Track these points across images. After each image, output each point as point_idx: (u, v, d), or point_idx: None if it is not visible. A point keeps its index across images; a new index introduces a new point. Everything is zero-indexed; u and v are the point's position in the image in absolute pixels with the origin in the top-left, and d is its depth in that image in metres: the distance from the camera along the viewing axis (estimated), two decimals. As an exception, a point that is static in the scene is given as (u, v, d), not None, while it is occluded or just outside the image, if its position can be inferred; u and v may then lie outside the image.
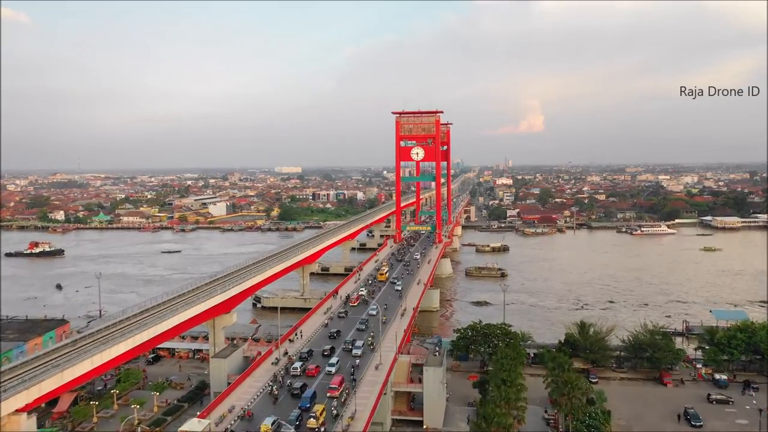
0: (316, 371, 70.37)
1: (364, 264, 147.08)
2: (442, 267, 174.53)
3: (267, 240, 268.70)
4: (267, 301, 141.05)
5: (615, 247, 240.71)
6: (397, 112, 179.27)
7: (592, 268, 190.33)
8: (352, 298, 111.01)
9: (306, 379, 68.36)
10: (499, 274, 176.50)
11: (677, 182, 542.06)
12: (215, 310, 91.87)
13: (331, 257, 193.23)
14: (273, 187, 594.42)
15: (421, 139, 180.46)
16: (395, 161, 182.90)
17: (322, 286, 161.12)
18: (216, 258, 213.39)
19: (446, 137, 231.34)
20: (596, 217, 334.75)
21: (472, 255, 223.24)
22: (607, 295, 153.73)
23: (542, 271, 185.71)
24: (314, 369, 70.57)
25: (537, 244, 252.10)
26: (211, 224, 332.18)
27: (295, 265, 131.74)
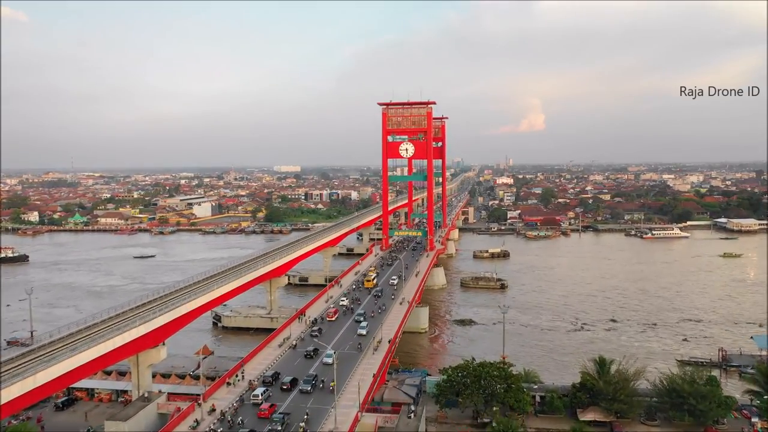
0: None
1: (342, 276, 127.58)
2: (434, 277, 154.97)
3: (249, 244, 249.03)
4: (228, 320, 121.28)
5: (623, 253, 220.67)
6: (384, 103, 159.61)
7: (596, 278, 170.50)
8: (328, 312, 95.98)
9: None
10: (499, 285, 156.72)
11: (683, 181, 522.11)
12: (138, 344, 72.41)
13: (312, 264, 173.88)
14: (268, 186, 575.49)
15: (411, 134, 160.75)
16: (382, 158, 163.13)
17: (300, 300, 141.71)
18: (187, 265, 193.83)
19: (440, 132, 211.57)
20: (602, 219, 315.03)
21: (469, 261, 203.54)
22: (610, 310, 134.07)
23: (541, 282, 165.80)
24: None
25: (539, 249, 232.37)
26: (193, 226, 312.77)
27: (257, 280, 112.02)
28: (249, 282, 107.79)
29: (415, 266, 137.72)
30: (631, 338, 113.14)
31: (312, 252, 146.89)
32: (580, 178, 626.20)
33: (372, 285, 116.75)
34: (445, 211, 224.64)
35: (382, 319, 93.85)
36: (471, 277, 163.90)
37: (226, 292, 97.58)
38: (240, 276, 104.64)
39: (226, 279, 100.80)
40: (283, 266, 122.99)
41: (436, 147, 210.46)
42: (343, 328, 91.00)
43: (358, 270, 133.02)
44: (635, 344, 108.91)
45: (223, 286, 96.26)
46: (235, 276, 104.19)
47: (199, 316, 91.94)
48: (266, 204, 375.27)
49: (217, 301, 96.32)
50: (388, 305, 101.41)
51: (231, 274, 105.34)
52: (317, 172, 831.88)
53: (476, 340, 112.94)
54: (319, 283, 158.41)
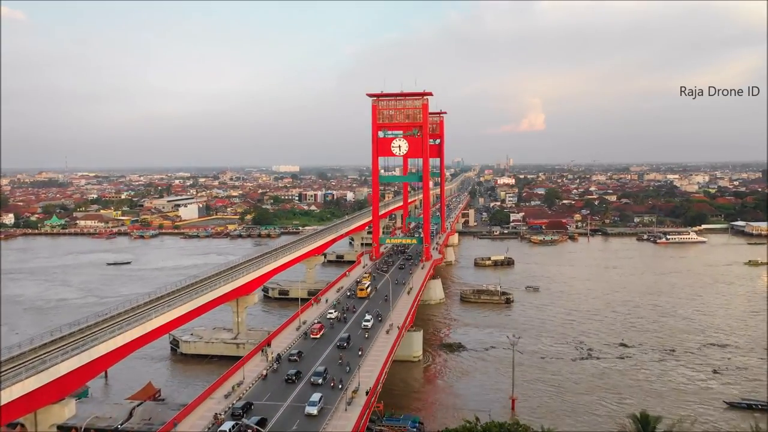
0: None
1: (322, 294, 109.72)
2: (430, 291, 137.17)
3: (231, 249, 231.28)
4: (187, 347, 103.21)
5: (633, 261, 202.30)
6: (374, 94, 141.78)
7: (604, 291, 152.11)
8: (312, 328, 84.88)
9: None
10: (504, 299, 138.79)
11: (688, 182, 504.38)
12: (33, 399, 54.93)
13: (296, 274, 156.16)
14: (263, 186, 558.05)
15: (405, 129, 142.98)
16: (372, 156, 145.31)
17: (277, 319, 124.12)
18: (155, 274, 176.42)
19: (439, 129, 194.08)
20: (610, 222, 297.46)
21: (470, 270, 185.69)
22: (619, 331, 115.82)
23: (544, 296, 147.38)
24: None
25: (545, 256, 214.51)
26: (176, 229, 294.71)
27: (218, 301, 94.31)
28: (207, 304, 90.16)
29: (409, 280, 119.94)
30: (649, 370, 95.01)
31: (291, 263, 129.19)
32: (582, 178, 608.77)
33: (366, 294, 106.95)
34: (443, 215, 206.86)
35: (367, 348, 77.29)
36: (472, 290, 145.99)
37: (173, 319, 79.96)
38: (198, 296, 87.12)
39: (177, 301, 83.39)
40: (253, 282, 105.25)
41: (433, 144, 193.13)
42: (324, 353, 76.53)
43: (341, 286, 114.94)
44: (656, 378, 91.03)
45: (167, 312, 78.52)
46: (191, 296, 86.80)
47: (136, 350, 74.24)
48: (255, 206, 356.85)
49: (161, 330, 78.75)
50: (372, 335, 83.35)
51: (188, 293, 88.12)
52: (316, 172, 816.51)
53: (472, 373, 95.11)
54: (301, 297, 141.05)
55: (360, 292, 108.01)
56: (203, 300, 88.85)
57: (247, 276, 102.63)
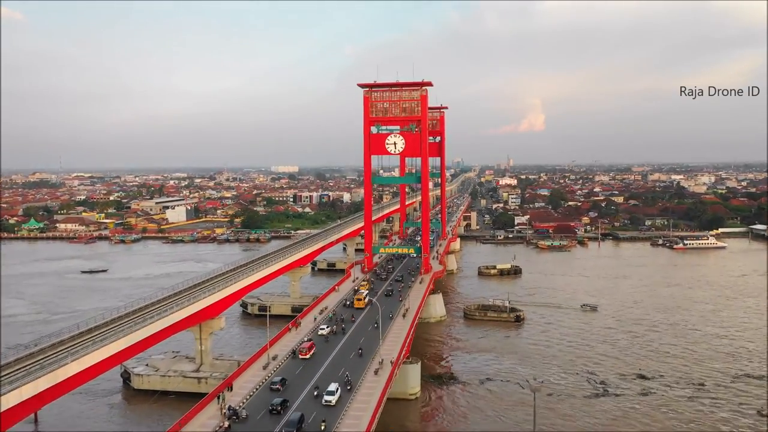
0: None
1: (303, 315, 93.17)
2: (429, 308, 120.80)
3: (214, 255, 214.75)
4: (140, 381, 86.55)
5: (649, 270, 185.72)
6: (366, 84, 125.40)
7: (617, 307, 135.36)
8: (301, 347, 75.68)
9: None
10: (513, 317, 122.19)
11: (695, 182, 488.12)
12: None
13: (278, 286, 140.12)
14: (258, 187, 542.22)
15: (401, 123, 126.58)
16: (364, 154, 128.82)
17: (257, 340, 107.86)
18: (122, 285, 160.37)
19: (439, 125, 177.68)
20: (620, 225, 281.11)
21: (474, 280, 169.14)
22: (635, 358, 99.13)
23: (552, 312, 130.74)
24: None
25: (555, 263, 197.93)
26: (161, 232, 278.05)
27: (175, 328, 78.00)
28: (159, 333, 73.87)
29: (405, 297, 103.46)
30: (679, 412, 78.12)
31: (269, 277, 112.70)
32: (585, 178, 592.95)
33: (363, 305, 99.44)
34: (444, 220, 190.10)
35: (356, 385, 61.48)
36: (477, 305, 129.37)
37: (115, 353, 63.99)
38: (149, 323, 70.96)
39: (124, 330, 67.47)
40: (219, 303, 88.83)
41: (433, 143, 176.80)
42: (313, 379, 65.27)
43: (325, 306, 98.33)
44: (691, 425, 74.51)
45: (105, 346, 62.40)
46: (143, 322, 70.84)
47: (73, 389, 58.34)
48: (245, 208, 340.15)
49: (98, 367, 62.87)
50: (354, 378, 66.65)
51: (142, 318, 72.16)
52: (315, 172, 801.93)
53: (477, 415, 78.61)
54: (284, 314, 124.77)
55: (357, 302, 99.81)
56: (154, 329, 72.63)
57: (212, 297, 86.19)
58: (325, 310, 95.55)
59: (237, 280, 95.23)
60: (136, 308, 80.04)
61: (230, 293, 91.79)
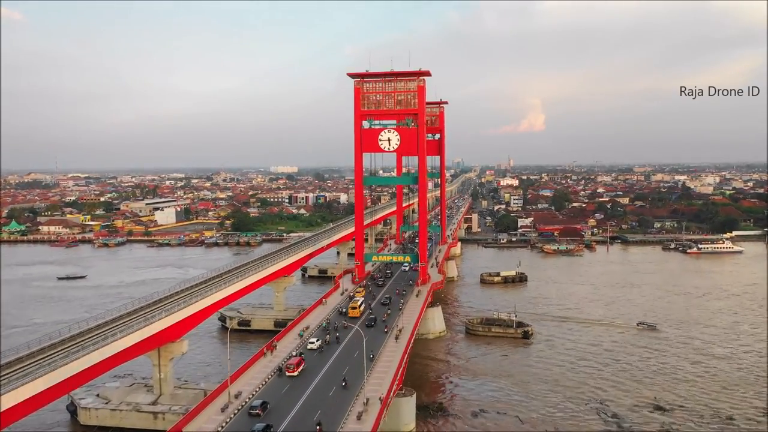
0: None
1: (281, 336, 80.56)
2: (428, 322, 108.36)
3: (197, 260, 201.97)
4: (87, 415, 73.85)
5: (663, 276, 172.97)
6: (356, 74, 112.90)
7: (630, 318, 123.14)
8: (288, 364, 67.33)
9: None
10: (521, 333, 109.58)
11: (700, 183, 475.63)
12: None
13: (262, 297, 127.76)
14: (255, 188, 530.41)
15: (396, 117, 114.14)
16: (355, 151, 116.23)
17: (237, 357, 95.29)
18: (90, 294, 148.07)
19: (439, 121, 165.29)
20: (628, 227, 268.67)
21: (476, 289, 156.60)
22: (649, 383, 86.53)
23: (568, 329, 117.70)
24: None
25: (562, 269, 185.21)
26: (148, 235, 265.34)
27: (128, 353, 65.64)
28: (106, 361, 61.52)
29: (398, 315, 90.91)
30: None
31: (247, 290, 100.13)
32: (587, 179, 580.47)
33: (358, 314, 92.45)
34: (444, 224, 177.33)
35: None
36: (480, 319, 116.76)
37: (53, 385, 51.93)
38: (90, 351, 58.73)
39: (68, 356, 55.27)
40: (180, 324, 76.31)
41: (432, 140, 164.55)
42: (299, 401, 57.61)
43: (308, 325, 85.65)
44: None
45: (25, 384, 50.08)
46: (90, 347, 58.67)
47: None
48: (236, 210, 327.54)
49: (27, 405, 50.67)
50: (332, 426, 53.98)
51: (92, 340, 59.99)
52: (314, 173, 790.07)
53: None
54: (266, 329, 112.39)
55: (352, 311, 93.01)
56: (93, 359, 60.28)
57: (171, 317, 73.70)
58: (306, 330, 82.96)
59: (204, 296, 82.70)
60: (82, 330, 67.81)
61: (195, 311, 79.26)
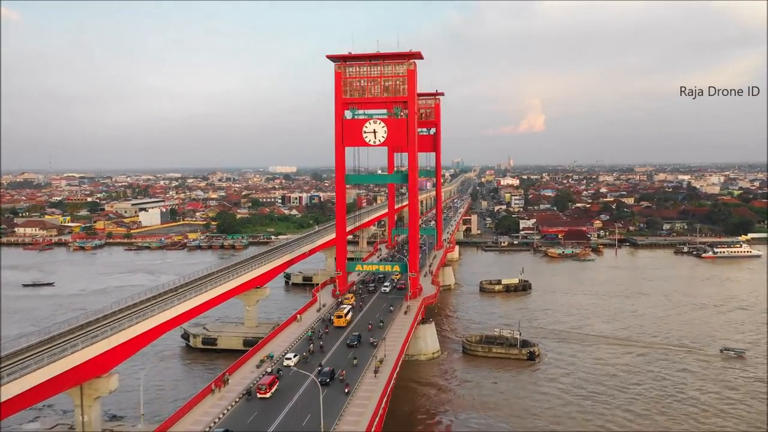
0: None
1: (234, 369, 66.16)
2: (419, 342, 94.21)
3: (173, 265, 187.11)
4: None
5: (680, 284, 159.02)
6: (337, 56, 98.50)
7: (668, 337, 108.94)
8: (259, 385, 59.24)
9: None
10: (525, 354, 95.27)
11: (705, 182, 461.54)
12: None
13: (233, 309, 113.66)
14: (251, 188, 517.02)
15: (383, 106, 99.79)
16: (335, 144, 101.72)
17: (200, 382, 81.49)
18: (34, 305, 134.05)
19: (434, 114, 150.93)
20: (636, 229, 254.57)
21: (475, 298, 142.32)
22: (667, 421, 72.08)
23: (578, 348, 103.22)
24: None
25: (567, 275, 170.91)
26: (128, 238, 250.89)
27: (32, 395, 51.24)
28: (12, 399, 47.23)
29: (381, 339, 76.46)
30: None
31: (210, 305, 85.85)
32: (589, 179, 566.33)
33: (345, 323, 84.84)
34: (440, 227, 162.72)
35: None
36: (479, 336, 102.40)
37: None
38: None
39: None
40: (107, 354, 61.89)
41: (427, 135, 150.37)
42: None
43: (269, 354, 71.09)
44: None
45: None
46: None
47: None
48: (222, 211, 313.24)
49: None
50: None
51: None
52: (312, 173, 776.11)
53: None
54: (234, 349, 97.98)
55: (337, 320, 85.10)
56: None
57: (96, 346, 59.35)
58: (267, 361, 68.61)
59: (144, 318, 68.30)
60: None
61: (129, 338, 64.85)
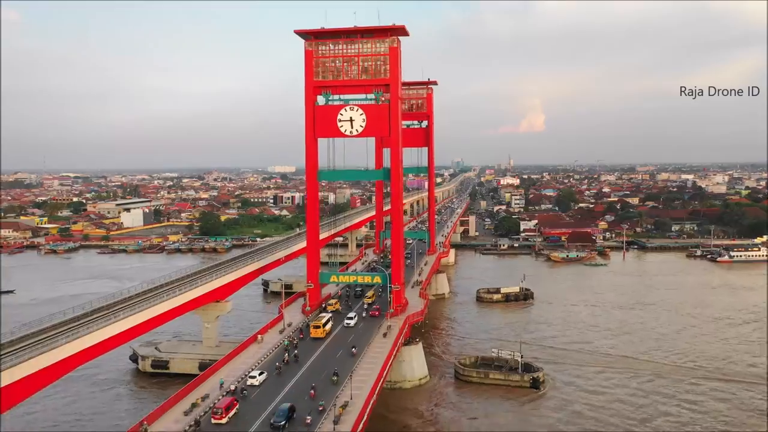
0: None
1: (157, 415, 52.10)
2: (403, 367, 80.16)
3: (149, 270, 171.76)
4: None
5: (682, 295, 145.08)
6: (308, 31, 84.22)
7: (711, 361, 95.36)
8: (215, 409, 51.24)
9: None
10: (528, 381, 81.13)
11: (709, 182, 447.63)
12: None
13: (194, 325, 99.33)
14: (246, 187, 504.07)
15: (362, 90, 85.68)
16: (305, 134, 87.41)
17: (143, 407, 67.75)
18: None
19: (426, 105, 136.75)
20: (643, 230, 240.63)
21: (471, 309, 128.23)
22: None
23: (576, 366, 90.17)
24: None
25: (574, 282, 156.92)
26: (105, 240, 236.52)
27: None
28: None
29: (347, 379, 62.29)
30: None
31: (155, 323, 71.78)
32: (591, 178, 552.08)
33: (323, 334, 76.04)
34: (433, 230, 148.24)
35: None
36: (475, 359, 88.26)
37: None
38: None
39: None
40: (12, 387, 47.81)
41: (418, 128, 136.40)
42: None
43: (205, 395, 56.90)
44: None
45: None
46: None
47: None
48: (204, 212, 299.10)
49: None
50: None
51: None
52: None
53: None
54: (189, 373, 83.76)
55: (314, 331, 75.64)
56: None
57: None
58: (204, 400, 54.65)
59: (59, 344, 54.18)
60: None
61: (30, 373, 50.73)
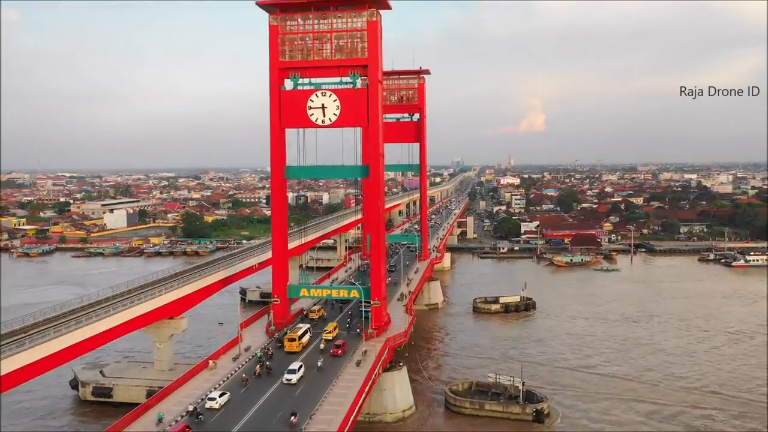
0: None
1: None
2: (384, 396, 68.12)
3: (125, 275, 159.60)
4: None
5: (694, 306, 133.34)
6: (272, 2, 71.91)
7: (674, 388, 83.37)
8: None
9: None
10: (531, 413, 68.94)
11: (714, 181, 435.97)
12: None
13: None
14: (241, 187, 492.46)
15: (336, 72, 73.49)
16: (270, 125, 75.28)
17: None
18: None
19: (418, 96, 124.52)
20: (650, 232, 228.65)
21: (468, 320, 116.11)
22: None
23: (580, 401, 78.23)
24: None
25: (580, 288, 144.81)
26: (83, 242, 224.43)
27: None
28: None
29: (314, 409, 50.19)
30: None
31: (93, 344, 59.71)
32: (592, 178, 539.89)
33: (298, 349, 67.79)
34: (425, 233, 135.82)
35: None
36: (469, 385, 76.09)
37: None
38: None
39: None
40: None
41: (408, 122, 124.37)
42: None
43: (159, 413, 45.29)
44: None
45: None
46: None
47: None
48: (186, 213, 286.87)
49: None
50: None
51: None
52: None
53: None
54: (135, 402, 71.57)
55: (289, 344, 68.36)
56: None
57: None
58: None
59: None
60: None
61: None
